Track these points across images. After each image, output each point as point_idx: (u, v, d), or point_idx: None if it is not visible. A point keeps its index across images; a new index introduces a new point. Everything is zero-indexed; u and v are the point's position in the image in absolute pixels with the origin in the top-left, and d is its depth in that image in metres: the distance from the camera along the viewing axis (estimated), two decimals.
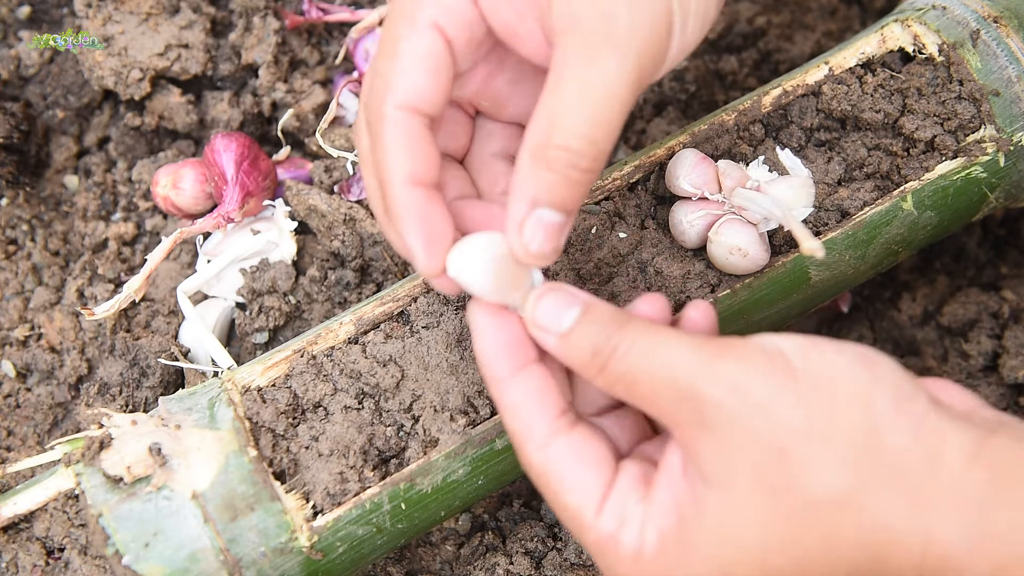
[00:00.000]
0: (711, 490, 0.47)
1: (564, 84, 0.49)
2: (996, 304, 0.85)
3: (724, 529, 0.47)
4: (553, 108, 0.49)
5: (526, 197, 0.51)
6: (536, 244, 0.51)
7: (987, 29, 0.70)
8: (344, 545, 0.62)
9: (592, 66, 0.49)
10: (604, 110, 0.49)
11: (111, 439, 0.61)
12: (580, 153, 0.50)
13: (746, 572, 0.47)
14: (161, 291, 0.84)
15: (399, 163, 0.52)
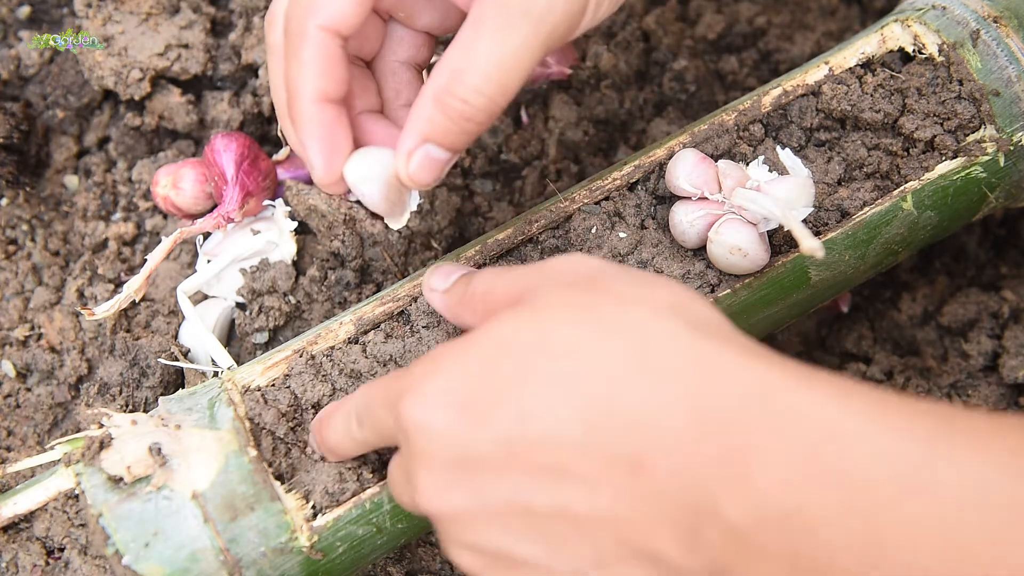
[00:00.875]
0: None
1: (476, 43, 0.53)
2: (996, 304, 0.85)
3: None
4: (461, 62, 0.53)
5: (419, 132, 0.55)
6: (419, 173, 0.56)
7: (987, 29, 0.70)
8: (344, 545, 0.62)
9: (505, 34, 0.52)
10: (507, 74, 0.53)
11: (111, 439, 0.61)
12: (477, 107, 0.54)
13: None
14: (161, 291, 0.84)
15: (312, 81, 0.55)
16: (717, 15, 0.95)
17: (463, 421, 0.48)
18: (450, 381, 0.49)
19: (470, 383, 0.48)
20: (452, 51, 0.54)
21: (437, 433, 0.48)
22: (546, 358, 0.47)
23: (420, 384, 0.49)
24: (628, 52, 0.94)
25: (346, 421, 0.57)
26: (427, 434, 0.48)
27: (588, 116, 0.91)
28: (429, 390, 0.49)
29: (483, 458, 0.47)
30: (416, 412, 0.49)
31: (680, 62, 0.93)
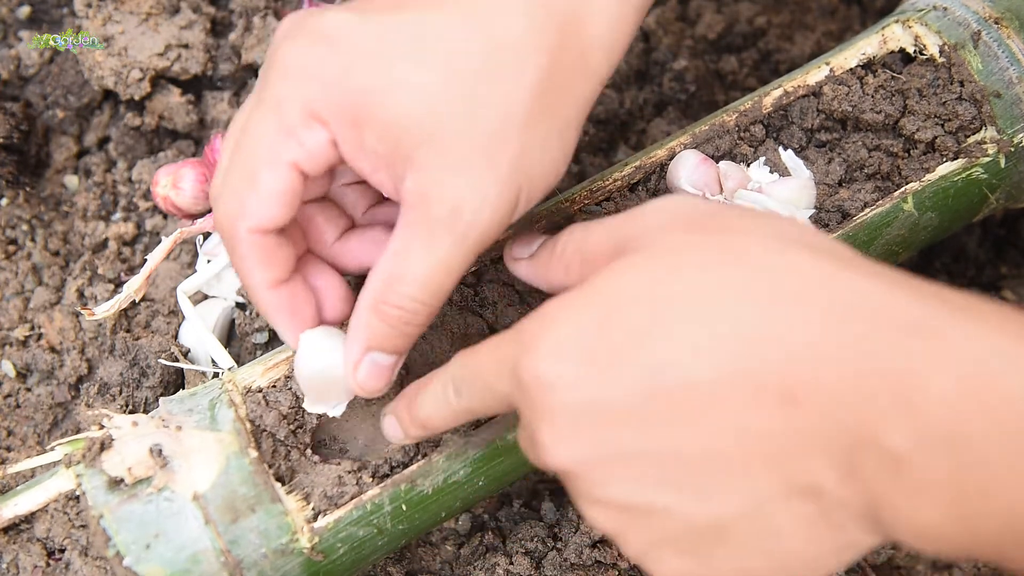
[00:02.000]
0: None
1: (407, 252, 0.54)
2: None
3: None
4: (394, 269, 0.55)
5: (361, 342, 0.57)
6: (369, 382, 0.58)
7: (988, 30, 0.70)
8: (345, 546, 0.62)
9: (434, 243, 0.54)
10: (439, 279, 0.55)
11: (112, 440, 0.61)
12: (413, 312, 0.56)
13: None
14: (161, 291, 0.84)
15: (257, 274, 0.57)
16: (717, 15, 0.95)
17: (590, 371, 0.46)
18: (571, 334, 0.48)
19: (593, 334, 0.47)
20: (383, 261, 0.55)
21: (562, 385, 0.47)
22: (674, 301, 0.46)
23: (537, 341, 0.48)
24: (628, 52, 0.94)
25: (443, 391, 0.56)
26: (550, 387, 0.47)
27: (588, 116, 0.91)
28: (548, 345, 0.48)
29: (614, 406, 0.46)
30: (538, 367, 0.48)
31: (680, 62, 0.93)
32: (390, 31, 0.53)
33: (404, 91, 0.52)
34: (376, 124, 0.53)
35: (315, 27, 0.54)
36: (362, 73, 0.52)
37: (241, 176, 0.55)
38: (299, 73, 0.53)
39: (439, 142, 0.53)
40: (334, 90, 0.53)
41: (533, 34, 0.54)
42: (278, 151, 0.54)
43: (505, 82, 0.53)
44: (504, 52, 0.53)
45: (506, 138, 0.54)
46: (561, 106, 0.56)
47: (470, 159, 0.53)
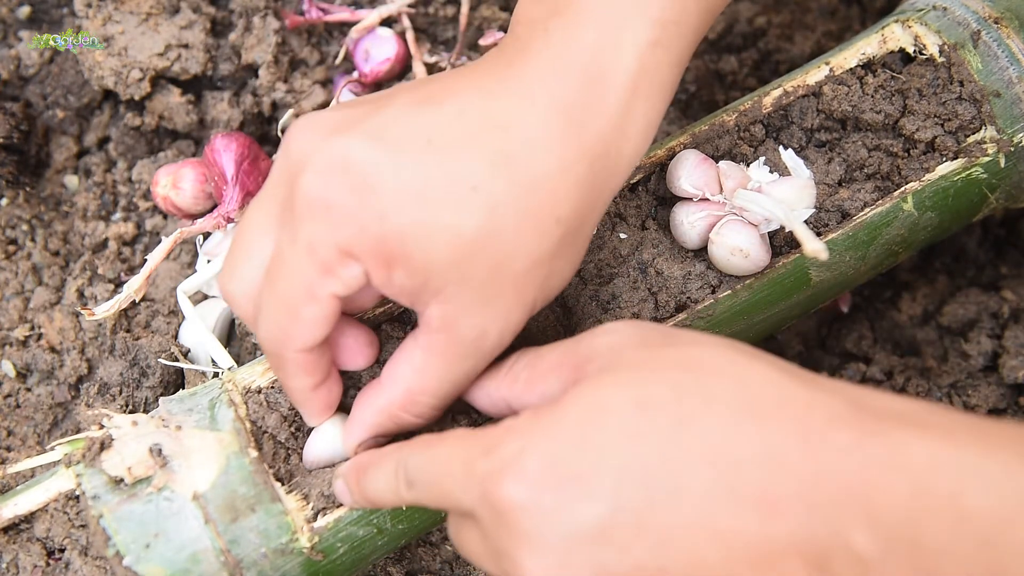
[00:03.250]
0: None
1: (429, 368, 0.57)
2: (996, 304, 0.85)
3: None
4: (415, 383, 0.57)
5: (369, 433, 0.60)
6: (365, 458, 0.59)
7: (988, 30, 0.70)
8: (345, 546, 0.62)
9: (457, 363, 0.57)
10: (457, 392, 0.59)
11: (112, 440, 0.61)
12: (428, 417, 0.60)
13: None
14: (161, 291, 0.84)
15: (301, 382, 0.60)
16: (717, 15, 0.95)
17: (572, 496, 0.48)
18: (548, 457, 0.49)
19: (572, 457, 0.48)
20: (402, 373, 0.58)
21: (545, 512, 0.48)
22: (645, 418, 0.48)
23: (517, 461, 0.49)
24: None
25: (393, 478, 0.56)
26: (534, 514, 0.48)
27: None
28: (530, 467, 0.49)
29: (600, 530, 0.47)
30: (518, 492, 0.48)
31: None
32: (424, 173, 0.53)
33: (440, 236, 0.53)
34: (410, 264, 0.53)
35: (340, 159, 0.54)
36: (398, 217, 0.53)
37: (283, 308, 0.56)
38: (331, 213, 0.53)
39: (470, 280, 0.54)
40: (369, 233, 0.53)
41: (567, 175, 0.55)
42: (317, 288, 0.55)
43: (538, 226, 0.55)
44: (538, 195, 0.54)
45: (534, 273, 0.56)
46: (584, 228, 0.58)
47: (499, 293, 0.55)
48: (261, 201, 0.59)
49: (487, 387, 0.59)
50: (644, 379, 0.50)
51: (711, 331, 0.67)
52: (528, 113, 0.55)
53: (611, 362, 0.52)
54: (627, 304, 0.67)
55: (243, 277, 0.59)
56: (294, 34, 0.90)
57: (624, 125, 0.57)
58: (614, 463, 0.47)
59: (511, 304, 0.56)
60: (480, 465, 0.50)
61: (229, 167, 0.78)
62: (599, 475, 0.47)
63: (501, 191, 0.53)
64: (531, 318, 0.67)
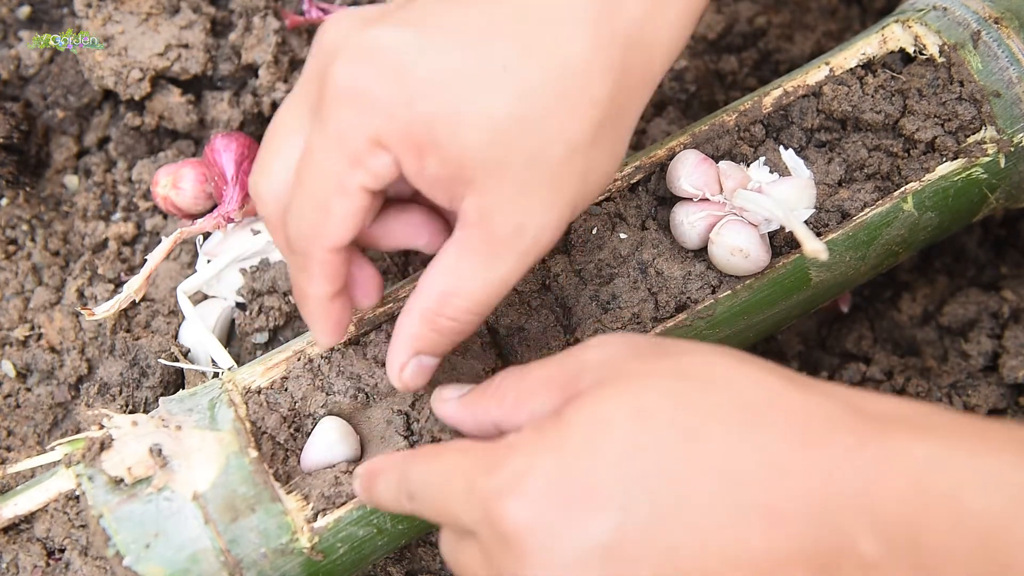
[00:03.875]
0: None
1: (463, 269, 0.55)
2: (996, 304, 0.85)
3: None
4: (449, 285, 0.56)
5: (410, 348, 0.58)
6: (414, 381, 0.59)
7: (988, 30, 0.70)
8: (345, 546, 0.62)
9: (492, 263, 0.55)
10: (494, 295, 0.56)
11: (112, 440, 0.61)
12: (467, 323, 0.57)
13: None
14: (161, 291, 0.84)
15: (323, 288, 0.58)
16: (717, 15, 0.95)
17: (579, 514, 0.47)
18: (554, 472, 0.48)
19: (577, 471, 0.48)
20: (438, 273, 0.56)
21: (551, 532, 0.47)
22: (651, 429, 0.48)
23: (521, 480, 0.48)
24: None
25: (397, 489, 0.56)
26: (540, 535, 0.47)
27: None
28: (533, 486, 0.48)
29: (612, 548, 0.47)
30: (522, 513, 0.48)
31: (680, 62, 0.93)
32: (455, 57, 0.52)
33: (471, 120, 0.52)
34: (441, 152, 0.52)
35: (372, 47, 0.53)
36: (428, 102, 0.52)
37: (313, 203, 0.55)
38: (360, 101, 0.52)
39: (505, 169, 0.52)
40: (398, 119, 0.52)
41: (599, 56, 0.53)
42: (347, 180, 0.54)
43: (573, 109, 0.53)
44: (571, 78, 0.53)
45: (572, 162, 0.54)
46: (623, 117, 0.56)
47: (537, 184, 0.53)
48: (293, 99, 0.58)
49: (474, 409, 0.58)
50: (642, 390, 0.49)
51: (711, 331, 0.67)
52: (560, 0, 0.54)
53: (606, 375, 0.51)
54: (627, 304, 0.67)
55: (272, 175, 0.58)
56: (294, 34, 0.90)
57: (659, 11, 0.55)
58: (619, 477, 0.47)
59: (550, 198, 0.54)
60: (482, 484, 0.50)
61: (229, 167, 0.78)
62: (605, 491, 0.47)
63: (533, 74, 0.52)
64: (532, 320, 0.67)
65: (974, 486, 0.44)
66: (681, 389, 0.49)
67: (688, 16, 0.57)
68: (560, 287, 0.68)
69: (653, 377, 0.50)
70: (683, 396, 0.49)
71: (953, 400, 0.81)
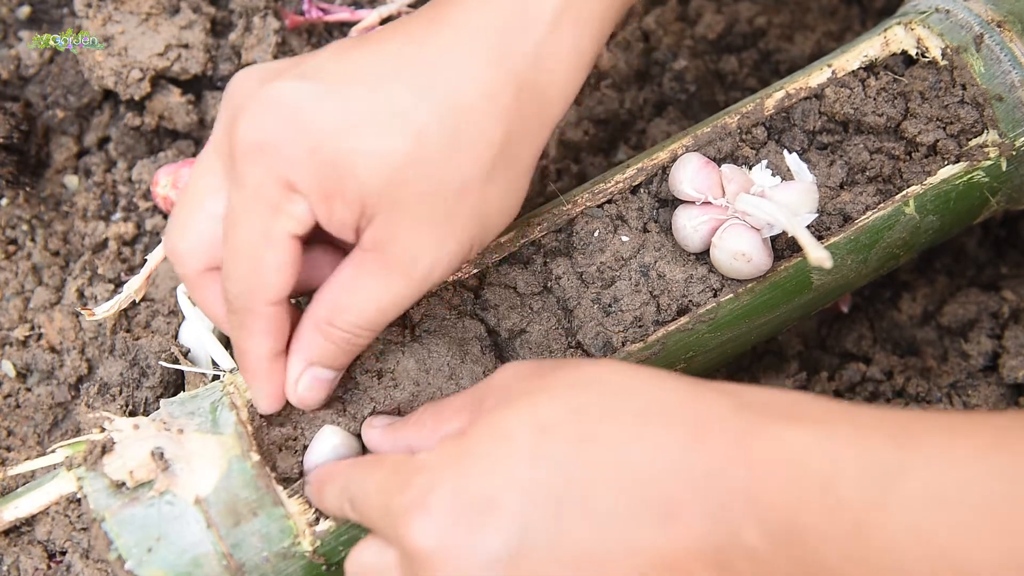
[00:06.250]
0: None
1: (356, 285, 0.57)
2: (996, 304, 0.86)
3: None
4: (341, 299, 0.57)
5: (303, 359, 0.60)
6: (308, 394, 0.61)
7: (991, 33, 0.70)
8: (347, 549, 0.62)
9: (386, 283, 0.57)
10: (385, 314, 0.58)
11: (113, 443, 0.61)
12: (357, 335, 0.59)
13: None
14: (161, 291, 0.84)
15: (266, 345, 0.60)
16: (717, 15, 0.95)
17: (481, 527, 0.49)
18: (455, 488, 0.50)
19: (478, 485, 0.50)
20: (332, 287, 0.58)
21: (455, 549, 0.49)
22: (550, 438, 0.50)
23: (424, 499, 0.50)
24: (628, 52, 0.94)
25: (339, 497, 0.58)
26: (444, 555, 0.49)
27: (588, 116, 0.91)
28: (436, 504, 0.50)
29: (514, 557, 0.48)
30: (426, 534, 0.50)
31: (680, 62, 0.93)
32: (352, 104, 0.54)
33: (370, 163, 0.54)
34: (345, 195, 0.54)
35: (275, 99, 0.55)
36: (329, 149, 0.54)
37: (245, 259, 0.57)
38: (268, 152, 0.54)
39: (401, 206, 0.55)
40: (304, 165, 0.54)
41: (493, 98, 0.56)
42: (272, 229, 0.56)
43: (467, 148, 0.55)
44: (465, 118, 0.55)
45: (466, 198, 0.56)
46: (518, 158, 0.58)
47: (430, 221, 0.55)
48: (205, 157, 0.60)
49: (394, 436, 0.60)
50: (541, 403, 0.51)
51: (713, 334, 0.67)
52: (453, 44, 0.56)
53: (506, 395, 0.53)
54: (629, 307, 0.67)
55: (189, 233, 0.59)
56: (294, 34, 0.90)
57: (551, 53, 0.58)
58: (519, 487, 0.49)
59: (444, 232, 0.56)
60: (395, 503, 0.52)
61: None
62: (505, 501, 0.49)
63: (427, 117, 0.54)
64: (534, 323, 0.67)
65: (847, 472, 0.45)
66: (577, 398, 0.51)
67: (582, 57, 0.59)
68: (562, 289, 0.68)
69: (550, 390, 0.52)
70: (579, 405, 0.51)
71: (953, 400, 0.81)
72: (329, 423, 0.64)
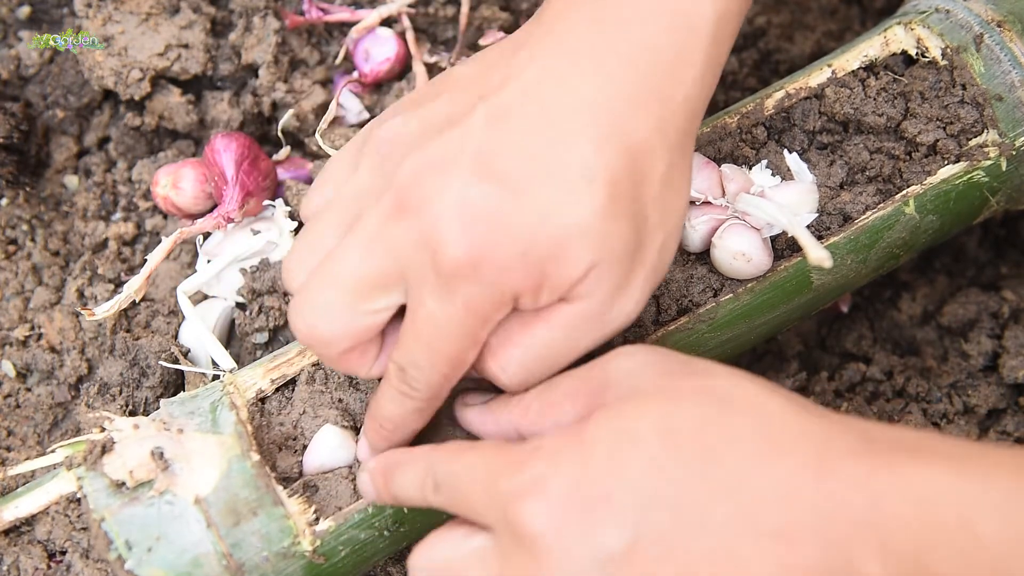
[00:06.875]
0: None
1: (558, 350, 0.57)
2: (996, 304, 0.85)
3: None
4: (540, 366, 0.58)
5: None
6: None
7: (991, 33, 0.70)
8: (347, 549, 0.62)
9: (589, 337, 0.57)
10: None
11: (113, 443, 0.61)
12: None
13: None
14: (161, 291, 0.84)
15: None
16: None
17: (597, 522, 0.48)
18: (575, 478, 0.49)
19: (599, 480, 0.49)
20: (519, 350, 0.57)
21: (568, 536, 0.48)
22: (675, 448, 0.49)
23: (541, 483, 0.50)
24: None
25: (421, 479, 0.56)
26: (556, 539, 0.49)
27: None
28: (553, 490, 0.49)
29: (626, 558, 0.48)
30: (540, 516, 0.49)
31: None
32: (543, 184, 0.53)
33: (574, 237, 0.53)
34: (553, 281, 0.54)
35: (475, 211, 0.53)
36: (538, 245, 0.53)
37: (449, 362, 0.56)
38: (481, 270, 0.53)
39: (602, 262, 0.54)
40: (519, 274, 0.53)
41: (662, 131, 0.56)
42: (482, 336, 0.56)
43: (646, 185, 0.56)
44: (643, 157, 0.55)
45: (651, 236, 0.56)
46: (679, 190, 0.58)
47: (628, 266, 0.56)
48: (358, 241, 0.56)
49: (497, 416, 0.59)
50: (669, 409, 0.51)
51: (712, 334, 0.67)
52: (617, 75, 0.55)
53: (632, 390, 0.52)
54: None
55: (340, 320, 0.57)
56: (294, 34, 0.90)
57: (705, 75, 0.58)
58: (640, 491, 0.48)
59: (639, 274, 0.56)
60: (504, 484, 0.51)
61: (229, 167, 0.78)
62: (625, 502, 0.48)
63: (615, 162, 0.54)
64: None
65: (985, 512, 0.44)
66: (707, 412, 0.50)
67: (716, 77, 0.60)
68: None
69: (680, 397, 0.51)
70: (708, 419, 0.50)
71: (953, 400, 0.81)
72: (330, 423, 0.64)
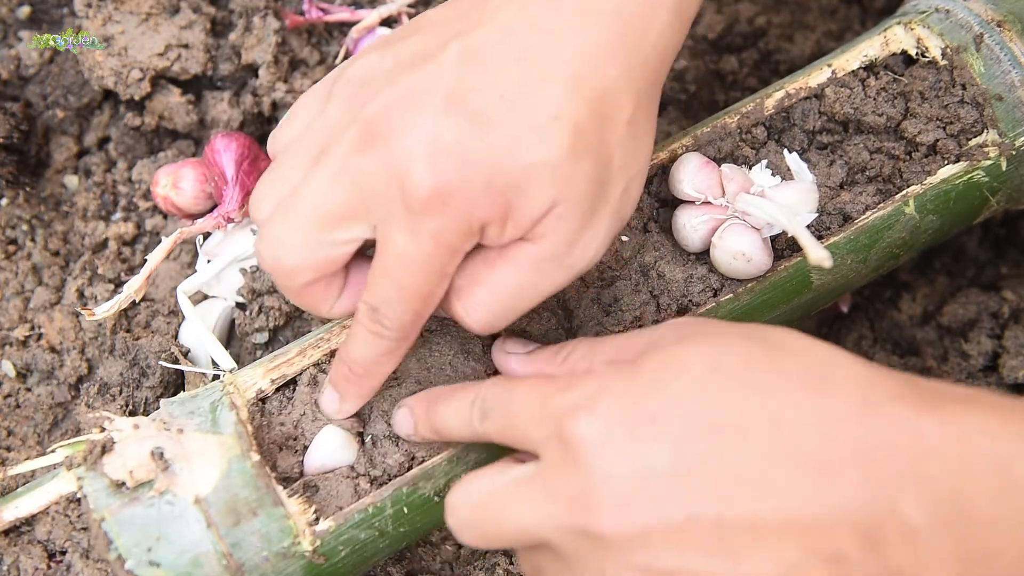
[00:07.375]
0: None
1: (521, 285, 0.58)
2: (996, 304, 0.86)
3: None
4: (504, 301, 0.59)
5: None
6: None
7: (991, 33, 0.70)
8: (347, 549, 0.62)
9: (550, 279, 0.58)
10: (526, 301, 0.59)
11: (113, 443, 0.61)
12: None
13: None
14: (161, 291, 0.84)
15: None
16: (717, 15, 0.95)
17: (642, 437, 0.49)
18: (625, 397, 0.51)
19: (646, 400, 0.50)
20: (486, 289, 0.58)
21: (615, 449, 0.50)
22: (721, 378, 0.50)
23: (593, 399, 0.51)
24: None
25: (468, 410, 0.58)
26: (604, 451, 0.50)
27: None
28: (604, 406, 0.51)
29: (668, 474, 0.49)
30: (591, 428, 0.50)
31: (680, 62, 0.93)
32: (512, 120, 0.55)
33: (540, 176, 0.54)
34: (517, 215, 0.55)
35: (443, 145, 0.54)
36: (502, 177, 0.54)
37: (417, 297, 0.57)
38: (449, 202, 0.54)
39: (565, 201, 0.55)
40: (484, 206, 0.54)
41: (629, 76, 0.57)
42: (449, 268, 0.57)
43: (610, 129, 0.57)
44: (608, 100, 0.56)
45: (616, 176, 0.58)
46: (646, 128, 0.61)
47: (592, 207, 0.57)
48: (325, 172, 0.57)
49: (542, 366, 0.61)
50: (719, 344, 0.52)
51: None
52: (583, 25, 0.56)
53: (683, 334, 0.54)
54: (629, 307, 0.67)
55: (300, 251, 0.58)
56: (294, 34, 0.90)
57: (674, 23, 0.59)
58: (683, 411, 0.49)
59: (603, 215, 0.57)
60: (556, 400, 0.53)
61: (229, 167, 0.78)
62: (668, 419, 0.49)
63: (582, 108, 0.55)
64: (534, 322, 0.67)
65: (1020, 458, 0.45)
66: (755, 352, 0.52)
67: (685, 24, 0.60)
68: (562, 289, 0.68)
69: (728, 337, 0.53)
70: (756, 358, 0.51)
71: None
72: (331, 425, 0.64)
